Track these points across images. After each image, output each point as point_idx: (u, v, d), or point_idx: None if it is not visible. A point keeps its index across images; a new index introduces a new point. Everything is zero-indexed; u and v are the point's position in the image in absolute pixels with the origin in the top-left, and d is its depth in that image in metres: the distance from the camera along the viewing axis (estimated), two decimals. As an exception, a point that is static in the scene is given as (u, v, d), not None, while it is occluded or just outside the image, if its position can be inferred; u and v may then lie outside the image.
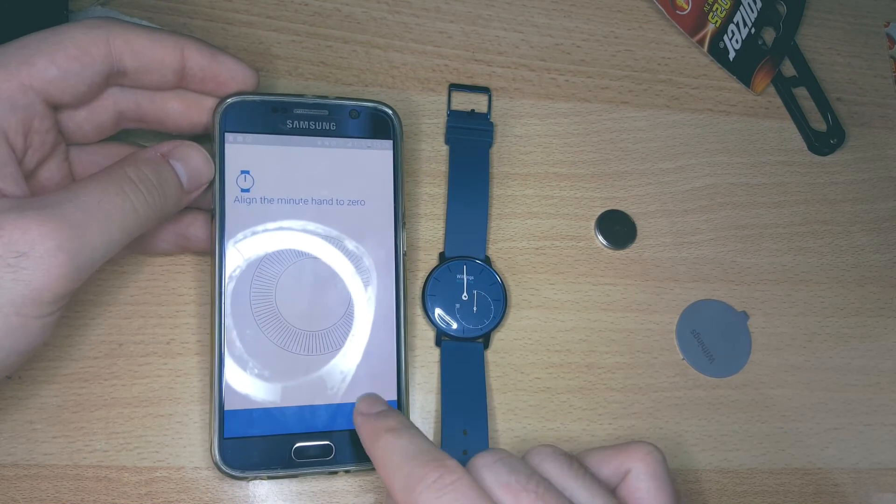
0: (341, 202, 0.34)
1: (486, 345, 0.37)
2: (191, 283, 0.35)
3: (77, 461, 0.32)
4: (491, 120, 0.40)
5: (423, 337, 0.36)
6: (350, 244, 0.33)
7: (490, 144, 0.40)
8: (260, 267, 0.32)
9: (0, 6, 0.33)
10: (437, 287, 0.36)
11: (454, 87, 0.40)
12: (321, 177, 0.33)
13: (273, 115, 0.33)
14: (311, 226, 0.33)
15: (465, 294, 0.37)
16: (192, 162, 0.30)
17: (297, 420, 0.31)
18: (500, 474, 0.25)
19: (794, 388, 0.40)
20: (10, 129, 0.26)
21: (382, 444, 0.27)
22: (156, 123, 0.32)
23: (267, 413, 0.31)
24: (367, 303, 0.33)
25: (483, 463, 0.26)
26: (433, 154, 0.39)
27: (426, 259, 0.38)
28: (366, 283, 0.33)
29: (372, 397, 0.31)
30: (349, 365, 0.32)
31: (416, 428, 0.28)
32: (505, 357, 0.37)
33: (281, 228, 0.33)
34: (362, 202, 0.34)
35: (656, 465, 0.28)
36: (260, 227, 0.32)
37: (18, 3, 0.33)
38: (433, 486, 0.24)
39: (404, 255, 0.34)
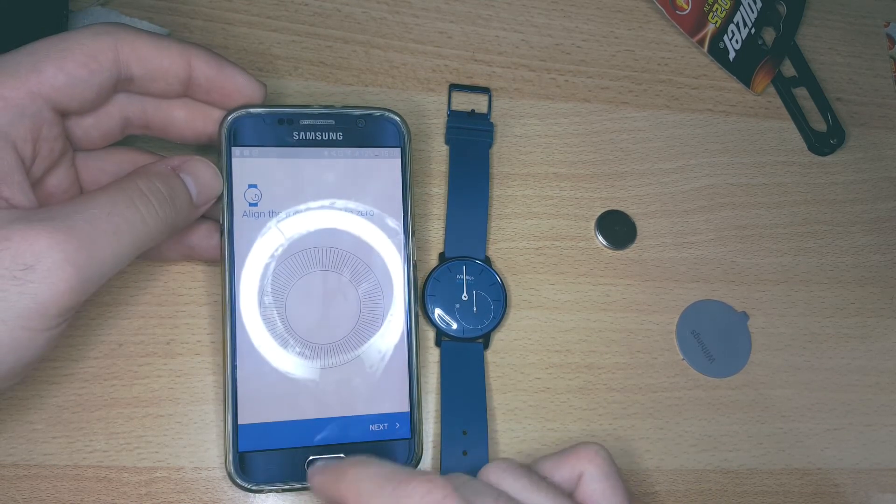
0: (350, 212, 0.33)
1: (486, 345, 0.37)
2: (191, 283, 0.35)
3: (77, 461, 0.32)
4: (491, 120, 0.40)
5: (423, 337, 0.36)
6: (360, 254, 0.33)
7: (490, 144, 0.40)
8: (270, 281, 0.32)
9: (0, 6, 0.33)
10: (437, 287, 0.36)
11: (454, 87, 0.40)
12: (329, 187, 0.33)
13: (279, 127, 0.33)
14: (320, 237, 0.33)
15: (464, 294, 0.37)
16: (201, 177, 0.30)
17: (310, 433, 0.31)
18: (467, 498, 0.24)
19: (794, 389, 0.40)
20: (18, 137, 0.26)
21: (351, 477, 0.25)
22: (160, 131, 0.32)
23: (280, 426, 0.31)
24: (377, 313, 0.33)
25: (444, 490, 0.24)
26: (433, 154, 0.39)
27: (426, 259, 0.38)
28: (376, 294, 0.33)
29: (322, 460, 0.30)
30: (361, 376, 0.32)
31: (379, 458, 0.26)
32: (505, 357, 0.37)
33: (290, 241, 0.33)
34: (371, 212, 0.34)
35: (605, 464, 0.28)
36: (269, 241, 0.32)
37: (19, 2, 0.33)
38: (422, 502, 0.23)
39: (415, 264, 0.34)
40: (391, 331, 0.33)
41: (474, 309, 0.36)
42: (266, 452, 0.31)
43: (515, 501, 0.26)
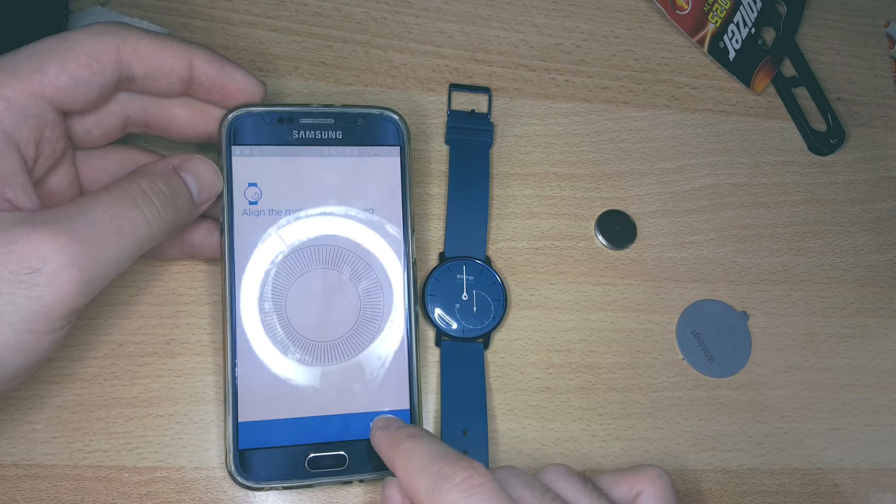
0: (350, 211, 0.33)
1: (486, 345, 0.37)
2: (191, 283, 0.35)
3: (77, 461, 0.32)
4: (491, 120, 0.40)
5: (423, 337, 0.36)
6: (359, 253, 0.33)
7: (490, 144, 0.40)
8: (270, 279, 0.32)
9: (0, 6, 0.33)
10: (437, 287, 0.36)
11: (454, 87, 0.40)
12: (329, 186, 0.33)
13: (279, 126, 0.33)
14: (321, 236, 0.33)
15: (465, 294, 0.37)
16: (202, 175, 0.30)
17: (311, 430, 0.32)
18: (514, 489, 0.26)
19: (794, 388, 0.40)
20: (21, 138, 0.26)
21: (405, 448, 0.27)
22: (160, 129, 0.32)
23: (281, 424, 0.31)
24: (377, 312, 0.33)
25: (497, 478, 0.26)
26: (433, 154, 0.39)
27: (426, 259, 0.38)
28: (376, 292, 0.33)
29: (389, 417, 0.31)
30: (361, 374, 0.32)
31: (437, 437, 0.28)
32: (505, 357, 0.37)
33: (290, 240, 0.33)
34: (371, 210, 0.34)
35: (665, 487, 0.29)
36: (269, 240, 0.32)
37: (19, 2, 0.33)
38: (461, 485, 0.24)
39: (414, 262, 0.34)
40: (391, 330, 0.33)
41: (474, 309, 0.36)
42: (267, 450, 0.31)
43: (562, 501, 0.26)
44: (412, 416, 0.32)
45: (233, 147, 0.32)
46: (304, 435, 0.31)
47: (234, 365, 0.31)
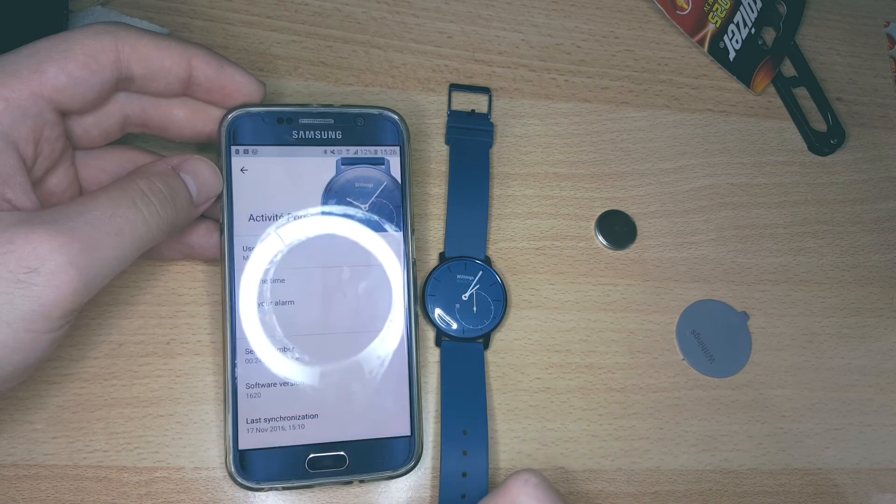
0: (349, 211, 0.33)
1: (486, 345, 0.37)
2: (191, 283, 0.35)
3: (77, 461, 0.32)
4: (491, 120, 0.40)
5: (423, 337, 0.36)
6: (359, 253, 0.33)
7: (490, 144, 0.40)
8: (270, 280, 0.32)
9: (0, 5, 0.33)
10: (437, 287, 0.36)
11: (454, 87, 0.40)
12: (328, 186, 0.33)
13: (278, 126, 0.33)
14: (320, 236, 0.33)
15: (465, 294, 0.37)
16: (201, 175, 0.30)
17: (311, 431, 0.31)
18: None
19: (794, 388, 0.40)
20: (20, 138, 0.26)
21: None
22: (159, 130, 0.32)
23: (281, 424, 0.31)
24: (377, 312, 0.33)
25: None
26: (434, 154, 0.39)
27: (426, 259, 0.38)
28: (376, 292, 0.33)
29: None
30: (361, 374, 0.32)
31: None
32: (505, 357, 0.37)
33: (289, 240, 0.33)
34: (370, 210, 0.34)
35: (535, 491, 0.29)
36: (269, 240, 0.32)
37: (19, 2, 0.33)
38: None
39: (414, 262, 0.34)
40: (391, 330, 0.33)
41: (474, 309, 0.36)
42: (266, 450, 0.31)
43: None
44: (412, 415, 0.32)
45: (232, 147, 0.32)
46: (305, 435, 0.31)
47: (233, 365, 0.31)
